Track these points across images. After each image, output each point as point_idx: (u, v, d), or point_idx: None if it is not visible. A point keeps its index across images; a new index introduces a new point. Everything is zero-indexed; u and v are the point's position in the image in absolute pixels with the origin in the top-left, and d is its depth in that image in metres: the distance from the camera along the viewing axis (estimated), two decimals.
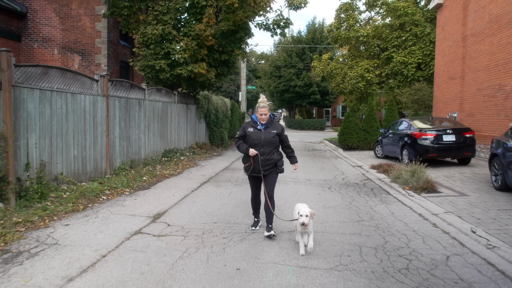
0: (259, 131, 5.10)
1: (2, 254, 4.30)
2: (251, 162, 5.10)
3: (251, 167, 5.11)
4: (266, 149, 5.07)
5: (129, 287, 3.56)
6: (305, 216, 4.34)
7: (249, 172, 5.20)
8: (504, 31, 11.95)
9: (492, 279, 3.81)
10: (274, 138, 5.11)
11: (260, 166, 5.05)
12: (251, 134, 5.11)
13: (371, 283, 3.70)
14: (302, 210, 4.41)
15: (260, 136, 5.07)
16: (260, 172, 5.08)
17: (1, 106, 5.82)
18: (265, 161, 5.07)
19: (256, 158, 5.05)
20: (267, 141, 5.07)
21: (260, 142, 5.06)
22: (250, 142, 5.10)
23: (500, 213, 6.19)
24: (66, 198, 6.60)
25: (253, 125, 5.17)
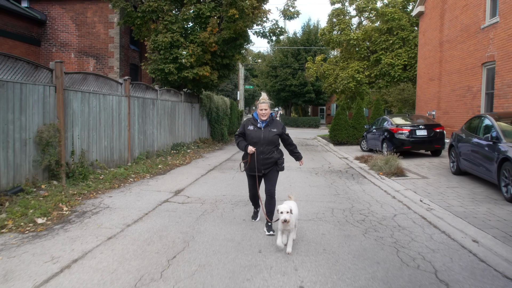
0: (259, 130, 5.04)
1: (72, 213, 5.99)
2: (247, 160, 5.10)
3: (247, 164, 5.12)
4: (266, 148, 5.00)
5: (171, 229, 5.26)
6: (285, 212, 4.23)
7: (246, 170, 5.18)
8: (472, 39, 13.72)
9: (421, 226, 5.54)
10: (274, 137, 5.03)
11: (260, 165, 5.01)
12: (251, 133, 5.05)
13: (336, 227, 5.42)
14: (281, 206, 4.30)
15: (259, 134, 5.01)
16: (259, 171, 5.04)
17: (55, 105, 7.50)
18: (264, 160, 5.02)
19: (253, 156, 5.02)
20: (267, 140, 4.99)
21: (259, 140, 4.99)
22: (250, 141, 5.06)
23: (447, 189, 7.94)
24: (103, 179, 8.29)
25: (253, 123, 5.10)
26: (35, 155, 7.02)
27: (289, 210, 4.23)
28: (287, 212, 4.21)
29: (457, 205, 6.59)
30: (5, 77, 6.31)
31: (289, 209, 4.25)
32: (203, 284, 3.54)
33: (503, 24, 11.76)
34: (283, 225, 4.28)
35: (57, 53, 16.27)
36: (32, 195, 6.48)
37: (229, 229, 5.29)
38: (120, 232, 5.08)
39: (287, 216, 4.19)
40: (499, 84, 11.87)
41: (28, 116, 6.81)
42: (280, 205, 4.37)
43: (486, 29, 12.75)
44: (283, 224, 4.26)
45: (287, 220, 4.18)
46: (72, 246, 4.50)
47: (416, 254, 4.38)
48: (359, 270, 3.92)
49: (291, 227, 4.36)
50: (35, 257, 4.17)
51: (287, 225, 4.27)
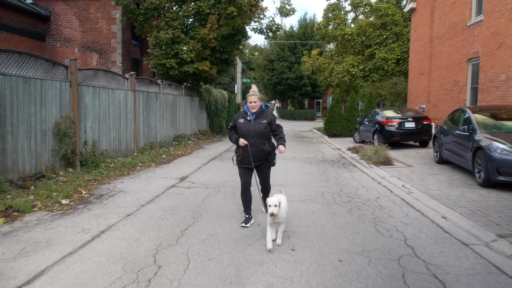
0: (248, 122, 5.09)
1: (91, 196, 6.74)
2: (240, 154, 5.13)
3: (239, 157, 5.14)
4: (257, 140, 5.04)
5: (181, 208, 6.03)
6: (273, 206, 4.19)
7: (238, 163, 5.22)
8: (459, 36, 14.47)
9: (399, 206, 6.34)
10: (265, 129, 5.06)
11: (251, 157, 5.04)
12: (241, 125, 5.11)
13: (324, 206, 6.21)
14: (270, 200, 4.27)
15: (249, 127, 5.06)
16: (250, 164, 5.08)
17: (70, 99, 8.21)
18: (255, 152, 5.05)
19: (245, 149, 5.06)
20: (257, 132, 5.03)
21: (249, 132, 5.04)
22: (240, 133, 5.11)
23: (428, 176, 8.74)
24: (113, 167, 9.04)
25: (243, 116, 5.15)
26: (53, 144, 7.75)
27: (277, 204, 4.19)
28: (275, 206, 4.16)
29: (435, 189, 7.39)
30: (28, 73, 7.01)
31: (278, 203, 4.21)
32: (212, 248, 4.33)
33: (487, 23, 12.51)
34: (271, 218, 4.25)
35: (61, 48, 16.89)
36: (52, 180, 7.22)
37: (231, 208, 6.06)
38: (136, 211, 5.84)
39: (274, 209, 4.14)
40: (483, 79, 12.65)
41: (47, 109, 7.52)
42: (269, 197, 4.36)
43: (471, 26, 13.50)
44: (271, 218, 4.24)
45: (274, 214, 4.15)
46: (98, 221, 5.27)
47: (391, 227, 5.18)
48: (341, 238, 4.71)
49: (281, 220, 4.33)
50: (68, 229, 4.93)
51: (275, 218, 4.24)
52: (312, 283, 3.52)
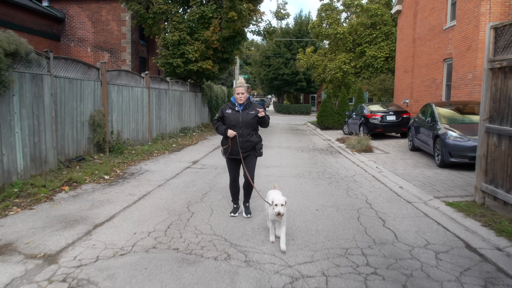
0: (237, 113, 5.13)
1: (125, 174, 8.50)
2: (229, 144, 5.15)
3: (229, 149, 5.18)
4: (245, 131, 5.10)
5: (198, 181, 7.81)
6: (280, 205, 4.18)
7: (228, 155, 5.26)
8: (436, 38, 16.26)
9: (369, 180, 8.14)
10: (253, 119, 5.12)
11: (239, 148, 5.09)
12: (229, 116, 5.14)
13: (310, 180, 8.01)
14: (277, 198, 4.24)
15: (238, 117, 5.10)
16: (238, 154, 5.14)
17: (101, 96, 9.93)
18: (243, 143, 5.11)
19: (234, 140, 5.10)
20: (245, 122, 5.09)
21: (237, 123, 5.09)
22: (228, 124, 5.14)
23: (400, 160, 10.56)
24: (135, 153, 10.78)
25: (231, 107, 5.20)
26: (89, 133, 9.47)
27: (283, 203, 4.20)
28: (281, 205, 4.16)
29: (401, 169, 9.22)
30: (72, 75, 8.72)
31: (284, 202, 4.23)
32: (227, 203, 6.12)
33: (458, 27, 14.30)
34: (274, 217, 4.25)
35: (75, 47, 18.52)
36: (91, 162, 8.96)
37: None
38: (164, 183, 7.61)
39: (281, 209, 4.15)
40: (455, 77, 14.47)
41: (84, 104, 9.24)
42: (275, 196, 4.33)
43: (446, 30, 15.29)
44: (275, 216, 4.23)
45: (281, 214, 4.15)
46: (138, 189, 7.04)
47: (358, 193, 6.98)
48: (319, 199, 6.51)
49: (283, 221, 4.29)
50: (118, 193, 6.70)
51: (279, 217, 4.23)
52: (296, 220, 5.32)
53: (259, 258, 4.03)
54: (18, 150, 6.64)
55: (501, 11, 12.78)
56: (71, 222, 5.11)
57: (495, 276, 3.69)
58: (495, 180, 5.65)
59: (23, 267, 3.73)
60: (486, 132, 5.86)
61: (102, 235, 4.68)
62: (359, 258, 4.05)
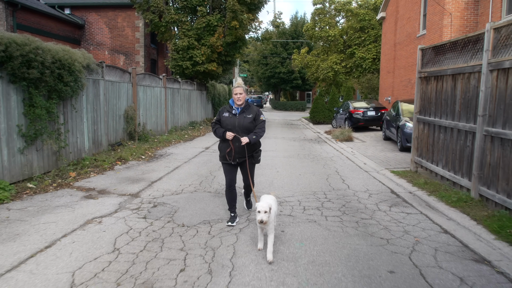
0: (233, 116, 4.98)
1: (155, 155, 11.15)
2: (231, 147, 4.96)
3: (232, 153, 4.98)
4: (241, 135, 4.91)
5: (213, 160, 10.46)
6: (263, 212, 3.97)
7: (222, 159, 5.14)
8: (412, 44, 18.95)
9: (342, 160, 10.83)
10: (250, 123, 4.96)
11: (235, 153, 4.97)
12: (225, 119, 5.00)
13: (297, 159, 10.71)
14: (260, 205, 4.02)
15: (234, 121, 4.95)
16: (233, 160, 5.00)
17: (132, 95, 12.55)
18: (239, 148, 4.95)
19: (230, 144, 4.95)
20: (242, 127, 4.93)
21: (234, 127, 4.93)
22: (225, 127, 4.99)
23: (372, 147, 13.26)
24: (157, 141, 13.42)
25: (228, 110, 5.06)
26: (123, 124, 12.10)
27: (267, 210, 3.99)
28: (265, 212, 3.97)
29: (370, 152, 11.91)
30: (113, 79, 11.33)
31: (268, 208, 4.00)
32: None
33: (428, 36, 16.99)
34: (260, 225, 4.07)
35: (93, 51, 21.09)
36: (126, 147, 11.59)
37: None
38: (188, 161, 10.27)
39: (264, 216, 3.95)
40: None
41: (121, 101, 11.86)
42: (259, 202, 4.13)
43: (419, 37, 17.98)
44: (260, 225, 4.07)
45: (264, 222, 3.95)
46: (171, 164, 9.70)
47: (332, 166, 9.67)
48: (303, 169, 9.18)
49: (270, 227, 4.07)
50: (157, 166, 9.35)
51: (264, 225, 4.05)
52: (284, 179, 8.00)
53: (265, 179, 6.71)
54: (85, 134, 9.29)
55: (460, 24, 15.49)
56: (135, 180, 7.78)
57: (399, 203, 6.37)
58: (421, 154, 8.35)
59: (121, 199, 6.39)
60: (417, 121, 8.56)
61: (159, 186, 7.35)
62: (321, 195, 6.75)
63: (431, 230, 5.01)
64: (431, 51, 8.10)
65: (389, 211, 5.85)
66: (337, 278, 3.65)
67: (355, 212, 5.80)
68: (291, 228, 5.03)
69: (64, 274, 3.65)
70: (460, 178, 6.62)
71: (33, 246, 4.28)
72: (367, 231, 4.94)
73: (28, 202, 6.02)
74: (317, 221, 5.33)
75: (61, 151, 8.13)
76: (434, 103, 7.78)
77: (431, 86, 7.98)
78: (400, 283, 3.56)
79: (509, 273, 3.77)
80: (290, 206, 6.08)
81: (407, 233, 4.88)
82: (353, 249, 4.34)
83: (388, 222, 5.31)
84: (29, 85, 6.99)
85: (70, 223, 5.07)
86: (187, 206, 6.03)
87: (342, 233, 4.86)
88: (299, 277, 3.66)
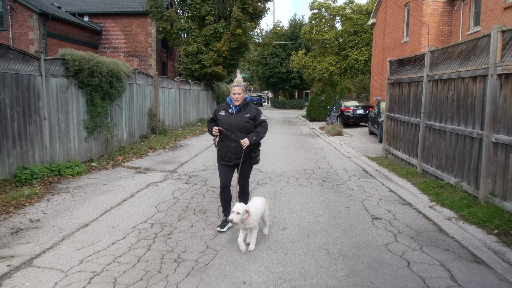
0: (230, 115, 4.84)
1: (176, 146, 13.63)
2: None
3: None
4: (238, 135, 4.76)
5: None
6: (236, 213, 4.10)
7: (219, 160, 5.03)
8: (397, 49, 21.43)
9: (330, 149, 13.33)
10: (246, 123, 4.79)
11: (232, 154, 4.85)
12: (222, 118, 4.87)
13: (293, 149, 13.21)
14: (236, 206, 4.14)
15: (230, 120, 4.80)
16: (231, 161, 4.89)
17: (155, 95, 15.02)
18: (236, 149, 4.81)
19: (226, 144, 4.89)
20: (239, 126, 4.77)
21: (230, 126, 4.79)
22: (221, 127, 4.84)
23: (357, 140, 15.76)
24: (174, 135, 15.90)
25: (225, 108, 4.92)
26: (148, 120, 14.56)
27: (240, 212, 4.09)
28: (237, 213, 4.09)
29: (355, 144, 14.41)
30: (141, 82, 13.78)
31: (242, 210, 4.11)
32: None
33: (410, 43, 19.48)
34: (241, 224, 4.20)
35: (110, 54, 23.52)
36: (151, 139, 14.05)
37: None
38: (204, 150, 12.75)
39: (235, 217, 4.08)
40: None
41: (145, 101, 14.32)
42: (237, 203, 4.24)
43: (403, 44, 20.47)
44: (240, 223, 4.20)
45: (233, 222, 4.08)
46: (192, 152, 12.18)
47: (321, 154, 12.16)
48: (297, 155, 11.67)
49: (251, 226, 4.27)
50: (181, 153, 11.84)
51: (245, 224, 4.22)
52: (283, 162, 10.48)
53: (268, 162, 9.19)
54: (124, 128, 11.77)
55: (436, 33, 17.99)
56: (168, 162, 10.26)
57: (366, 176, 8.86)
58: (390, 143, 10.85)
59: (164, 173, 8.86)
60: (387, 117, 11.05)
61: (188, 165, 9.84)
62: (310, 171, 9.24)
63: (382, 190, 7.50)
64: (396, 63, 10.61)
65: (357, 181, 8.34)
66: (313, 209, 6.15)
67: (332, 181, 8.30)
68: (287, 188, 7.53)
69: (150, 207, 6.14)
70: (411, 159, 9.13)
71: (122, 196, 6.77)
72: (338, 190, 7.44)
73: (99, 175, 8.51)
74: (305, 185, 7.82)
75: (110, 140, 10.61)
76: (397, 103, 10.28)
77: (395, 90, 10.47)
78: (351, 211, 6.06)
79: (418, 208, 6.26)
80: (286, 177, 8.57)
81: (364, 192, 7.38)
82: (326, 198, 6.85)
83: (354, 186, 7.80)
84: (92, 90, 9.46)
85: (137, 185, 7.55)
86: (213, 177, 8.51)
87: (320, 191, 7.36)
88: (292, 209, 6.15)
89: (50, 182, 7.44)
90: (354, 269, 4.02)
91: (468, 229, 5.20)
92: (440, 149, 7.66)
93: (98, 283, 3.65)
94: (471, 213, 5.64)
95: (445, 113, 7.51)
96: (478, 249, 4.58)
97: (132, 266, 4.01)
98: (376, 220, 5.66)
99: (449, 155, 7.27)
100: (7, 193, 6.24)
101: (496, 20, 14.24)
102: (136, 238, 4.82)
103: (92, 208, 5.97)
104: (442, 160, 7.55)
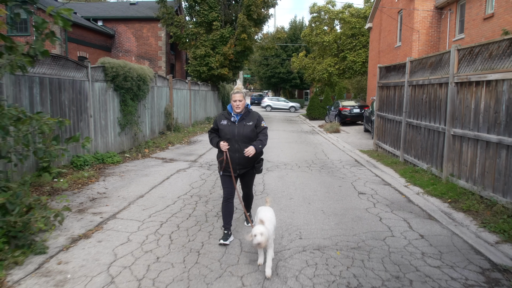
0: (232, 124, 4.67)
1: (190, 141, 15.39)
2: (223, 157, 4.68)
3: (223, 163, 4.69)
4: (242, 145, 4.62)
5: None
6: (259, 234, 3.90)
7: (222, 170, 4.79)
8: (391, 52, 23.20)
9: (328, 145, 15.10)
10: (251, 132, 4.66)
11: (235, 164, 4.69)
12: (224, 128, 4.70)
13: (296, 144, 14.98)
14: (255, 230, 3.94)
15: (233, 130, 4.64)
16: (234, 171, 4.72)
17: (169, 96, 16.77)
18: (241, 159, 4.68)
19: (229, 155, 4.67)
20: (242, 135, 4.63)
21: (233, 136, 4.64)
22: (223, 137, 4.70)
23: (353, 136, 17.53)
24: (187, 132, 17.65)
25: (227, 117, 4.74)
26: (164, 119, 16.31)
27: (262, 232, 3.91)
28: (261, 234, 3.89)
29: (350, 140, 16.18)
30: (159, 84, 15.53)
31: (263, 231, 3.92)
32: None
33: (402, 47, 21.25)
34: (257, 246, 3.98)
35: (122, 57, 25.25)
36: (167, 135, 15.80)
37: None
38: None
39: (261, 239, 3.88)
40: None
41: (162, 101, 16.06)
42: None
43: (397, 48, 22.24)
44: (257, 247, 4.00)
45: (261, 244, 3.90)
46: (205, 146, 13.94)
47: (320, 148, 13.92)
48: (299, 149, 13.44)
49: (269, 242, 4.03)
50: (197, 147, 13.60)
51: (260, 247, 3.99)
52: (286, 154, 12.25)
53: (274, 154, 10.95)
54: (147, 125, 13.52)
55: (426, 39, 19.77)
56: (188, 154, 12.01)
57: (357, 165, 10.62)
58: (379, 138, 12.63)
59: (188, 163, 10.61)
60: (377, 116, 12.82)
61: (206, 157, 11.60)
62: (310, 161, 10.99)
63: (369, 175, 9.27)
64: (384, 69, 12.39)
65: (349, 168, 10.11)
66: (313, 187, 7.92)
67: (328, 168, 10.06)
68: (291, 173, 9.30)
69: (185, 185, 7.90)
70: (396, 151, 10.90)
71: (160, 178, 8.52)
72: (333, 175, 9.21)
73: (134, 163, 10.26)
74: (306, 171, 9.59)
75: (137, 135, 12.37)
76: (386, 104, 12.04)
77: (384, 92, 12.24)
78: (342, 189, 7.82)
79: (395, 187, 8.03)
80: (290, 165, 10.34)
81: (355, 176, 9.15)
82: (323, 180, 8.62)
83: (347, 172, 9.57)
84: (124, 92, 11.21)
85: (169, 171, 9.31)
86: None
87: (319, 175, 9.13)
88: (296, 186, 7.91)
89: (98, 168, 9.20)
90: (342, 221, 5.80)
91: (429, 200, 6.98)
92: (417, 141, 9.43)
93: (167, 227, 5.42)
94: (434, 189, 7.42)
95: (420, 112, 9.27)
96: (433, 211, 6.35)
97: (186, 219, 5.79)
98: (361, 194, 7.44)
99: (423, 146, 9.04)
100: (72, 175, 8.00)
101: (477, 29, 16.05)
102: (182, 203, 6.59)
103: (141, 186, 7.73)
104: (418, 151, 9.32)
